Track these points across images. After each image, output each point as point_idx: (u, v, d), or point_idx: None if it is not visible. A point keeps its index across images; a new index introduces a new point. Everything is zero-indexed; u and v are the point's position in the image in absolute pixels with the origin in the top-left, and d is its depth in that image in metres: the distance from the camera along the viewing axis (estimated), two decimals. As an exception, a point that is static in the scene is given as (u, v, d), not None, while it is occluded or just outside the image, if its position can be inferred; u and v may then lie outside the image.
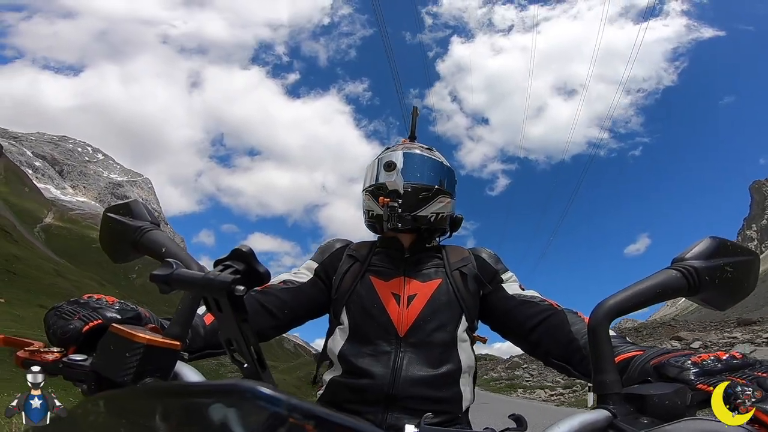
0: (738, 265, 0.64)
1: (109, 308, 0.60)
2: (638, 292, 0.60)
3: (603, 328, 0.57)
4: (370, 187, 1.12)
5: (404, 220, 1.03)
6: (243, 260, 0.52)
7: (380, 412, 0.91)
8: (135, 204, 0.78)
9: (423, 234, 1.12)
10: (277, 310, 0.99)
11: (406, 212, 1.04)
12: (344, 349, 0.98)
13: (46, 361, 0.53)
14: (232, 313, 0.49)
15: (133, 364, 0.48)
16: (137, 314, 0.62)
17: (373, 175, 1.13)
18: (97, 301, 0.61)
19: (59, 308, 0.60)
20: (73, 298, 0.63)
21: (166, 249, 0.68)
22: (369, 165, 1.18)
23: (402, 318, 0.98)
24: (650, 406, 0.50)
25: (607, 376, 0.55)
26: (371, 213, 1.13)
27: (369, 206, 1.13)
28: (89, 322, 0.57)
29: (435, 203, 1.09)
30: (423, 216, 1.07)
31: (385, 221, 1.02)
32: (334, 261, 1.10)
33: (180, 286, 0.51)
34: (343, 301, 1.03)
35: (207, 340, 0.84)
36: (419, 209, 1.07)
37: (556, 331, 0.90)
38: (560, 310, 0.94)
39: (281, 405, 0.25)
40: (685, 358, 0.56)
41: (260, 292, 0.99)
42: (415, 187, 1.06)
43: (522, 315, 0.97)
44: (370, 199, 1.12)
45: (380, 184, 1.08)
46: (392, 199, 0.99)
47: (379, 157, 1.17)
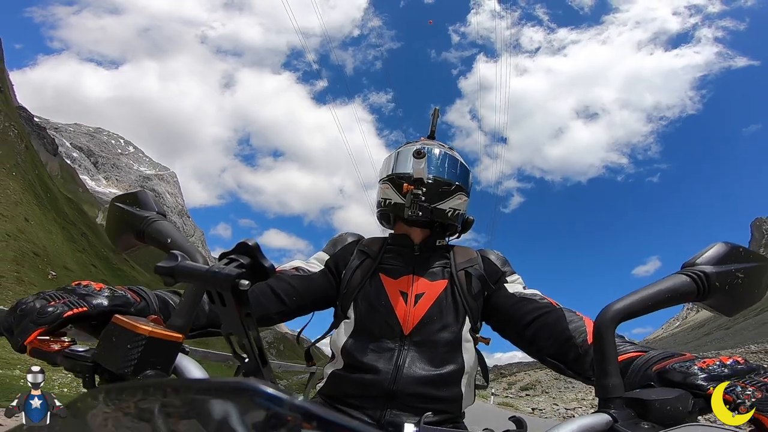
0: (749, 271, 0.63)
1: (97, 295, 0.60)
2: (647, 296, 0.59)
3: (609, 331, 0.57)
4: (392, 175, 1.11)
5: (424, 209, 1.03)
6: (248, 254, 0.51)
7: (380, 408, 0.91)
8: (142, 194, 0.78)
9: (436, 230, 1.12)
10: (286, 296, 0.99)
11: (426, 202, 1.04)
12: (348, 343, 0.98)
13: (51, 350, 0.53)
14: (236, 308, 0.49)
15: (134, 356, 0.48)
16: (126, 300, 0.63)
17: (393, 164, 1.13)
18: (85, 287, 0.61)
19: (43, 292, 0.59)
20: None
21: (172, 240, 0.68)
22: (388, 156, 1.18)
23: (408, 316, 0.98)
24: (652, 411, 0.49)
25: (611, 380, 0.54)
26: (388, 202, 1.11)
27: (387, 195, 1.12)
28: (73, 308, 0.56)
29: (454, 199, 1.09)
30: (441, 209, 1.07)
31: (407, 207, 1.02)
32: (345, 254, 1.11)
33: (184, 278, 0.51)
34: (352, 297, 1.03)
35: (210, 318, 0.84)
36: (439, 202, 1.07)
37: (553, 329, 0.89)
38: (558, 308, 0.93)
39: (283, 405, 0.25)
40: (690, 363, 0.55)
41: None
42: (437, 180, 1.07)
43: (519, 311, 0.96)
44: (389, 187, 1.11)
45: (403, 173, 1.08)
46: (416, 187, 1.00)
47: (400, 149, 1.17)
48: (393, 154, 1.16)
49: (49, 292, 0.58)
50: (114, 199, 0.80)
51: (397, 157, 1.13)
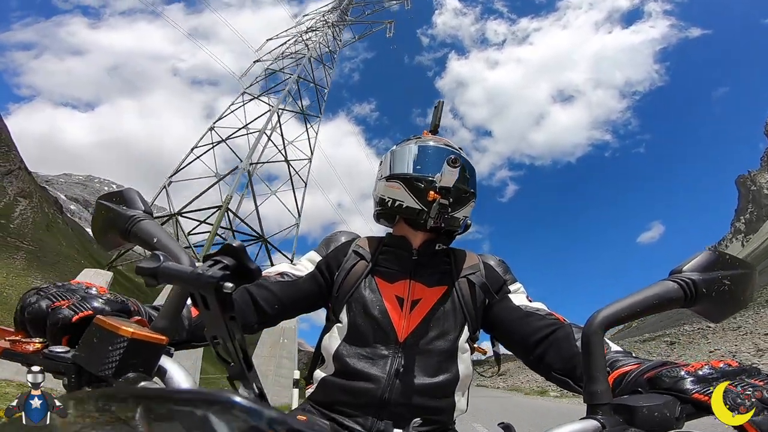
0: (735, 278, 0.64)
1: (98, 298, 0.58)
2: (635, 303, 0.59)
3: (597, 337, 0.57)
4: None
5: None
6: (233, 256, 0.50)
7: (370, 417, 0.88)
8: (129, 192, 0.76)
9: (441, 235, 1.07)
10: (267, 305, 0.95)
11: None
12: (340, 348, 0.95)
13: (26, 352, 0.51)
14: (220, 311, 0.47)
15: (116, 358, 0.46)
16: (125, 306, 0.61)
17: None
18: (87, 289, 0.59)
19: (43, 289, 0.57)
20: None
21: (158, 240, 0.66)
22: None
23: (403, 323, 0.95)
24: (639, 417, 0.50)
25: (599, 386, 0.54)
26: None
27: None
28: (79, 312, 0.54)
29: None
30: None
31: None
32: (338, 255, 1.06)
33: (167, 279, 0.49)
34: (345, 300, 0.99)
35: (192, 332, 0.81)
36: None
37: (561, 345, 0.86)
38: (566, 324, 0.90)
39: (260, 418, 0.24)
40: (679, 369, 0.56)
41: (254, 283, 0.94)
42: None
43: (527, 328, 0.93)
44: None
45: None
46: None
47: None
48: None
49: (51, 291, 0.56)
50: (100, 198, 0.78)
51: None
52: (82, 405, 0.30)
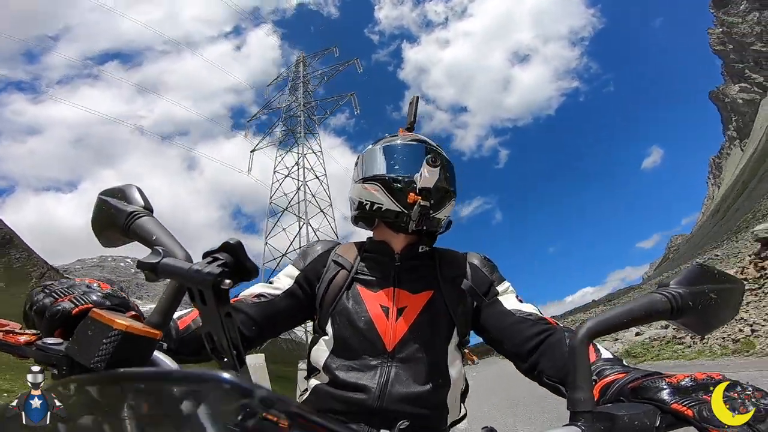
0: (722, 292, 0.65)
1: (98, 293, 0.59)
2: (622, 314, 0.60)
3: (583, 346, 0.58)
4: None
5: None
6: (232, 253, 0.51)
7: (365, 425, 0.87)
8: (129, 188, 0.76)
9: (423, 237, 1.04)
10: (245, 328, 0.91)
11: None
12: (329, 360, 0.94)
13: (18, 343, 0.52)
14: (216, 307, 0.49)
15: (108, 351, 0.47)
16: (125, 302, 0.61)
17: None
18: (88, 285, 0.60)
19: (48, 286, 0.58)
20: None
21: (157, 236, 0.67)
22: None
23: (390, 332, 0.93)
24: (619, 425, 0.51)
25: (582, 394, 0.55)
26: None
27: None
28: (79, 305, 0.55)
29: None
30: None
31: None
32: (317, 266, 1.03)
33: (166, 275, 0.50)
34: (329, 313, 0.97)
35: (178, 342, 0.80)
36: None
37: (554, 352, 0.86)
38: (558, 328, 0.90)
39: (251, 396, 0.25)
40: (661, 380, 0.57)
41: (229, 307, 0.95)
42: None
43: (521, 334, 0.91)
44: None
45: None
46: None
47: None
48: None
49: (56, 288, 0.58)
50: (101, 193, 0.78)
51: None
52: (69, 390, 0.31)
